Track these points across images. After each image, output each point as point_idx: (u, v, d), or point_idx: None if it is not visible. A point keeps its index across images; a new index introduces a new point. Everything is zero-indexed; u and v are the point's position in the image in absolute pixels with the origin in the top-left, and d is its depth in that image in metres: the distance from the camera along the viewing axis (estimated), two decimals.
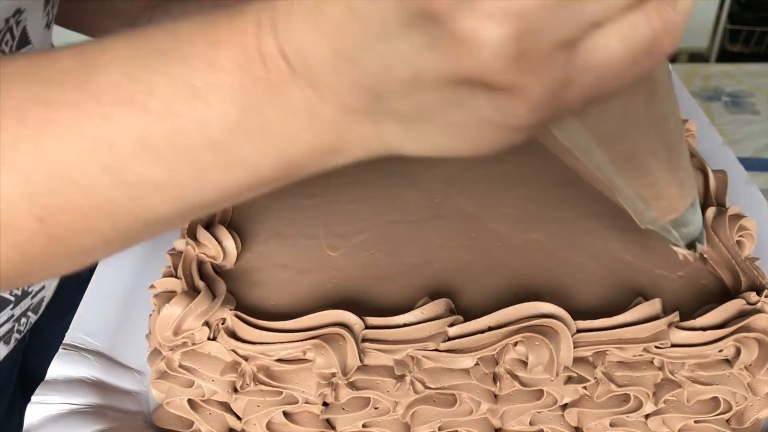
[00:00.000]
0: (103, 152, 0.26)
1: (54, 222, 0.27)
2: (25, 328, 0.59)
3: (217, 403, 0.41)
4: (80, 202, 0.27)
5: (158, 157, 0.26)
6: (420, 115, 0.24)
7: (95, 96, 0.26)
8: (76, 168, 0.26)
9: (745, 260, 0.43)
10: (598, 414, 0.40)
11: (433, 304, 0.39)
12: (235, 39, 0.25)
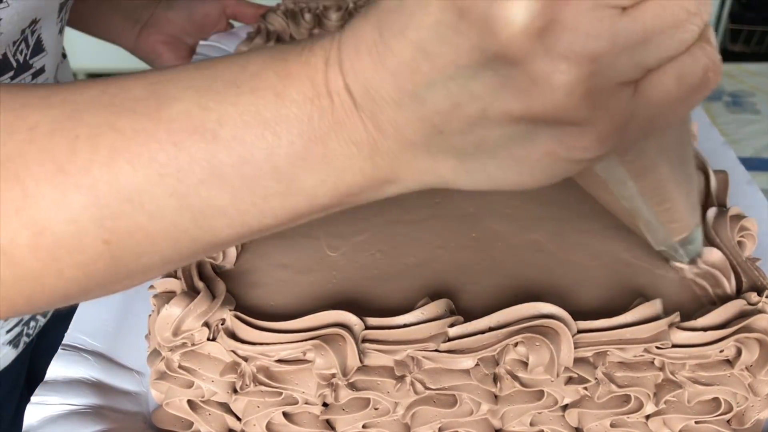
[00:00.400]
0: (172, 178, 0.27)
1: (119, 244, 0.28)
2: (34, 331, 0.59)
3: (217, 404, 0.41)
4: (146, 225, 0.28)
5: (224, 184, 0.27)
6: (480, 151, 0.25)
7: (167, 124, 0.27)
8: (145, 192, 0.27)
9: (746, 261, 0.43)
10: (598, 415, 0.40)
11: (433, 305, 0.39)
12: (304, 73, 0.26)
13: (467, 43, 0.22)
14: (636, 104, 0.23)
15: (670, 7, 0.22)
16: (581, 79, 0.21)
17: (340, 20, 0.78)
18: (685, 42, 0.22)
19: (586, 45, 0.21)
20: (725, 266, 0.42)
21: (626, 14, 0.21)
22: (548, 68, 0.21)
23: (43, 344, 0.64)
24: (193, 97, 0.27)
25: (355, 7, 0.79)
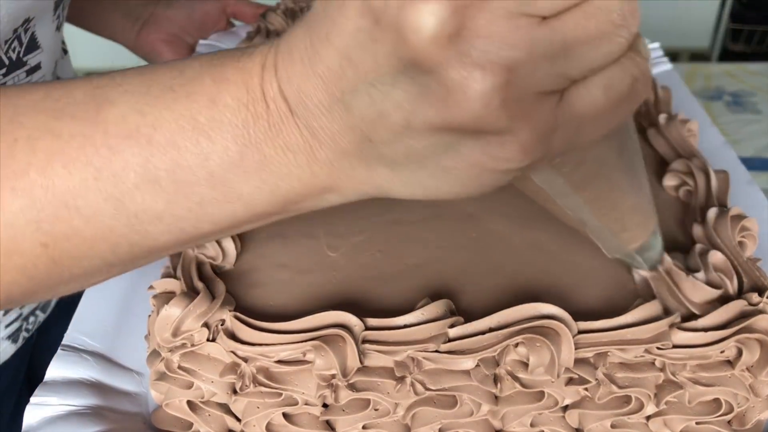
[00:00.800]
0: (107, 182, 0.27)
1: (57, 247, 0.28)
2: (33, 327, 0.59)
3: (217, 405, 0.41)
4: (83, 229, 0.28)
5: (159, 189, 0.27)
6: (410, 160, 0.25)
7: (103, 128, 0.27)
8: (81, 197, 0.27)
9: (746, 261, 0.43)
10: (599, 415, 0.40)
11: (433, 305, 0.39)
12: (240, 78, 0.26)
13: (383, 50, 0.22)
14: (561, 114, 0.23)
15: (593, 19, 0.21)
16: (497, 88, 0.21)
17: None
18: (611, 54, 0.22)
19: (502, 53, 0.21)
20: (726, 266, 0.42)
21: (546, 24, 0.21)
22: (462, 77, 0.21)
23: (44, 341, 0.64)
24: (130, 101, 0.27)
25: None
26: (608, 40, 0.22)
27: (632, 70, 0.23)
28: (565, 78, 0.22)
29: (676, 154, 0.53)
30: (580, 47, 0.21)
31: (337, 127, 0.25)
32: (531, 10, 0.21)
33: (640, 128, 0.58)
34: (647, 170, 0.52)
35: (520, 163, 0.23)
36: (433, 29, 0.20)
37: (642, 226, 0.34)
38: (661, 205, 0.49)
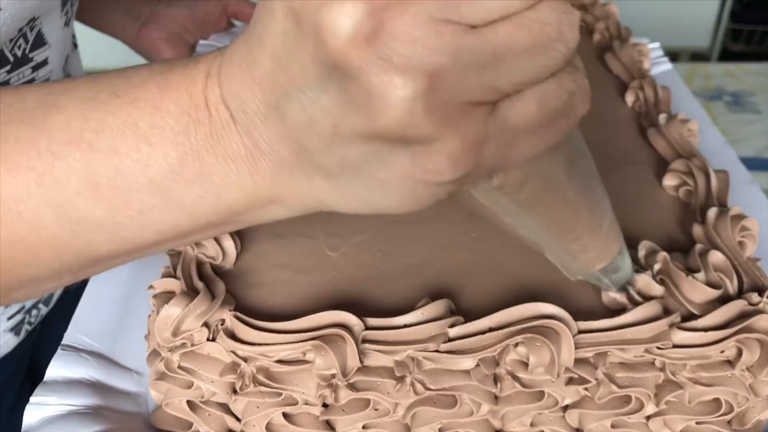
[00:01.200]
0: (49, 188, 0.27)
1: (2, 254, 0.28)
2: (36, 320, 0.59)
3: (217, 405, 0.41)
4: (26, 235, 0.27)
5: (100, 195, 0.27)
6: (345, 171, 0.24)
7: (48, 134, 0.26)
8: (23, 202, 0.27)
9: (746, 261, 0.43)
10: (599, 415, 0.40)
11: (433, 305, 0.39)
12: (184, 85, 0.26)
13: (307, 53, 0.21)
14: (493, 126, 0.22)
15: (526, 30, 0.20)
16: (419, 94, 0.20)
17: None
18: (546, 67, 0.21)
19: (424, 59, 0.20)
20: (726, 266, 0.42)
21: (474, 32, 0.20)
22: (383, 82, 0.20)
23: (47, 335, 0.64)
24: (77, 107, 0.27)
25: None
26: (542, 53, 0.21)
27: (569, 85, 0.22)
28: (495, 89, 0.21)
29: (676, 154, 0.53)
30: (512, 59, 0.21)
31: (275, 135, 0.24)
32: (457, 18, 0.20)
33: (640, 128, 0.58)
34: (647, 170, 0.52)
35: (451, 175, 0.22)
36: (349, 31, 0.20)
37: (604, 247, 0.33)
38: (661, 205, 0.50)
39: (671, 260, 0.42)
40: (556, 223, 0.29)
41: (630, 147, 0.56)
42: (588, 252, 0.32)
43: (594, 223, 0.31)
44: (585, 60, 0.71)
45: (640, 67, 0.66)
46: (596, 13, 0.77)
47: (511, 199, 0.26)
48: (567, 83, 0.22)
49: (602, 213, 0.31)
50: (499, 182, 0.25)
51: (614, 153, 0.55)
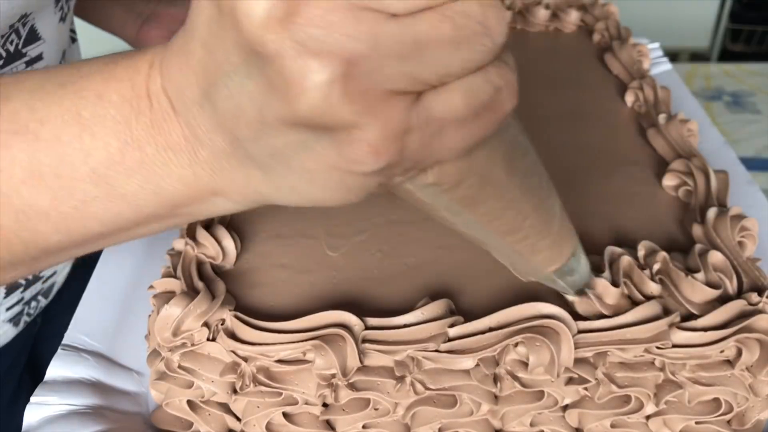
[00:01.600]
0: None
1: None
2: (35, 311, 0.59)
3: (217, 404, 0.41)
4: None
5: (44, 185, 0.27)
6: (276, 162, 0.24)
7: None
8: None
9: (746, 261, 0.43)
10: (599, 415, 0.40)
11: (433, 305, 0.39)
12: (127, 75, 0.26)
13: (230, 39, 0.21)
14: (416, 116, 0.22)
15: (450, 23, 0.20)
16: (336, 79, 0.20)
17: None
18: (471, 61, 0.21)
19: (341, 45, 0.20)
20: (726, 266, 0.42)
21: (395, 21, 0.20)
22: (300, 66, 0.20)
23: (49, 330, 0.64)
24: (24, 97, 0.27)
25: None
26: (466, 46, 0.21)
27: (496, 80, 0.22)
28: (418, 79, 0.21)
29: (675, 154, 0.53)
30: (434, 50, 0.21)
31: (210, 124, 0.24)
32: (377, 6, 0.20)
33: (640, 128, 0.58)
34: (647, 170, 0.52)
35: (374, 164, 0.22)
36: (262, 14, 0.20)
37: (556, 248, 0.33)
38: (660, 205, 0.50)
39: (671, 260, 0.42)
40: (500, 222, 0.28)
41: (630, 147, 0.56)
42: (538, 253, 0.32)
43: (541, 223, 0.30)
44: (585, 60, 0.71)
45: (640, 68, 0.66)
46: (596, 14, 0.77)
47: (450, 197, 0.26)
48: (494, 78, 0.22)
49: (550, 213, 0.31)
50: (434, 178, 0.24)
51: (614, 153, 0.55)
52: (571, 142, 0.57)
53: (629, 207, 0.49)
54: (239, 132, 0.24)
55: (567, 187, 0.51)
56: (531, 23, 0.77)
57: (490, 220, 0.28)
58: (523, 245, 0.30)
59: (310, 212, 0.48)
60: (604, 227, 0.47)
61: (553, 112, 0.61)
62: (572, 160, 0.54)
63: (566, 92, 0.64)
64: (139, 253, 0.52)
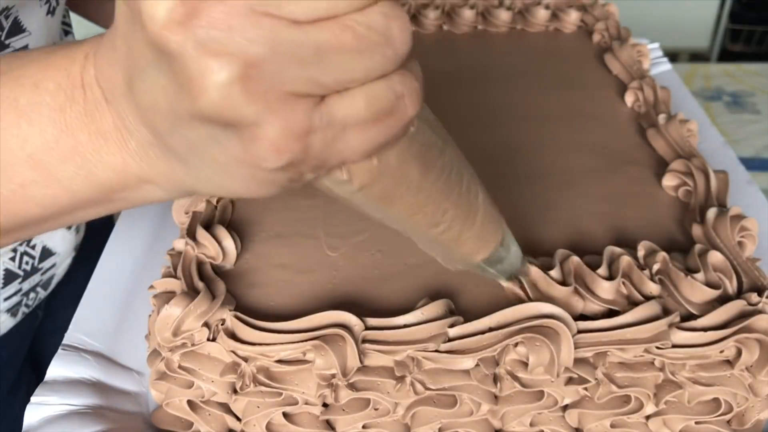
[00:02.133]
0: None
1: None
2: (33, 303, 0.59)
3: (217, 404, 0.41)
4: None
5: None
6: (192, 154, 0.25)
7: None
8: None
9: (746, 261, 0.43)
10: (598, 415, 0.40)
11: (433, 305, 0.39)
12: (64, 65, 0.27)
13: (140, 37, 0.22)
14: (319, 119, 0.23)
15: (350, 32, 0.21)
16: (235, 79, 0.21)
17: None
18: (372, 69, 0.22)
19: (241, 47, 0.21)
20: (726, 267, 0.42)
21: (297, 28, 0.21)
22: (199, 66, 0.21)
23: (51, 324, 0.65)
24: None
25: None
26: (368, 55, 0.22)
27: (398, 88, 0.23)
28: (319, 84, 0.22)
29: (675, 154, 0.53)
30: (335, 58, 0.21)
31: (136, 116, 0.25)
32: (278, 12, 0.21)
33: (640, 128, 0.58)
34: (647, 170, 0.52)
35: (277, 161, 0.23)
36: (163, 15, 0.21)
37: (481, 238, 0.34)
38: (660, 205, 0.50)
39: (670, 260, 0.42)
40: (420, 216, 0.29)
41: (630, 147, 0.56)
42: (464, 243, 0.33)
43: (463, 215, 0.31)
44: (585, 60, 0.71)
45: (640, 68, 0.66)
46: (596, 14, 0.77)
47: (366, 195, 0.27)
48: (396, 86, 0.23)
49: (472, 205, 0.32)
50: (347, 176, 0.25)
51: (614, 153, 0.55)
52: (571, 142, 0.57)
53: (629, 207, 0.49)
54: (157, 125, 0.25)
55: (567, 187, 0.51)
56: (531, 23, 0.77)
57: (410, 215, 0.29)
58: (446, 237, 0.31)
59: (310, 212, 0.48)
60: (604, 227, 0.47)
61: (553, 112, 0.61)
62: (572, 160, 0.54)
63: (566, 92, 0.64)
64: (139, 253, 0.52)
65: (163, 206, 0.55)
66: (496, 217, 0.34)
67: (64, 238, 0.59)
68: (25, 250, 0.55)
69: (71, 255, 0.62)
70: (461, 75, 0.68)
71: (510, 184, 0.51)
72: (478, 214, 0.32)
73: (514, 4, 0.78)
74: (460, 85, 0.65)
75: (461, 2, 0.79)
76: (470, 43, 0.75)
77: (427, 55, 0.73)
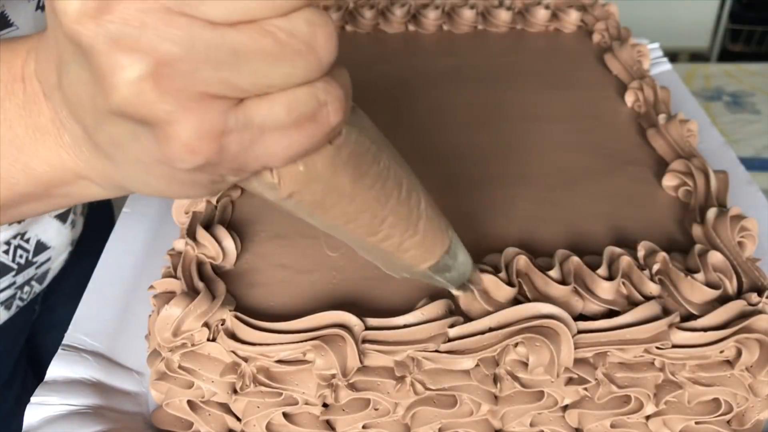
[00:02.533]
0: None
1: None
2: (28, 296, 0.60)
3: (217, 404, 0.41)
4: None
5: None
6: (115, 150, 0.25)
7: None
8: None
9: (746, 261, 0.43)
10: (598, 415, 0.40)
11: (433, 305, 0.39)
12: (7, 58, 0.27)
13: (59, 32, 0.22)
14: (235, 121, 0.22)
15: (270, 39, 0.21)
16: (146, 76, 0.21)
17: (340, 20, 0.78)
18: (292, 76, 0.22)
19: (153, 45, 0.20)
20: (726, 267, 0.42)
21: (213, 29, 0.21)
22: (110, 61, 0.21)
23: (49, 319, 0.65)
24: None
25: (356, 7, 0.79)
26: (289, 62, 0.21)
27: (320, 96, 0.23)
28: (236, 87, 0.22)
29: (675, 154, 0.53)
30: (253, 62, 0.21)
31: (67, 110, 0.26)
32: (195, 12, 0.20)
33: (640, 128, 0.58)
34: (646, 170, 0.52)
35: (191, 161, 0.23)
36: (75, 9, 0.21)
37: (426, 246, 0.33)
38: (660, 205, 0.50)
39: (670, 260, 0.42)
40: (356, 225, 0.29)
41: (629, 147, 0.56)
42: (407, 251, 0.32)
43: (403, 223, 0.31)
44: (585, 60, 0.71)
45: (640, 68, 0.66)
46: (596, 14, 0.77)
47: (296, 201, 0.26)
48: (319, 93, 0.23)
49: (413, 213, 0.31)
50: (275, 180, 0.25)
51: (614, 153, 0.55)
52: (571, 142, 0.57)
53: (629, 207, 0.49)
54: (83, 119, 0.25)
55: (567, 187, 0.51)
56: (531, 23, 0.77)
57: (345, 222, 0.29)
58: (387, 245, 0.31)
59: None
60: (603, 227, 0.47)
61: (553, 112, 0.61)
62: (572, 160, 0.54)
63: (566, 92, 0.64)
64: (139, 253, 0.52)
65: (164, 206, 0.55)
66: (441, 225, 0.34)
67: (59, 233, 0.59)
68: (19, 243, 0.55)
69: (67, 250, 0.62)
70: (461, 75, 0.68)
71: (510, 184, 0.51)
72: (420, 221, 0.31)
73: (514, 4, 0.78)
74: (460, 85, 0.65)
75: (461, 2, 0.79)
76: (470, 43, 0.75)
77: (427, 55, 0.73)
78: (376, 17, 0.77)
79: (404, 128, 0.58)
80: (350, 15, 0.78)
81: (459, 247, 0.36)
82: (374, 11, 0.78)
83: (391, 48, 0.75)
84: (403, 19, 0.77)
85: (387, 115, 0.60)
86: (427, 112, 0.61)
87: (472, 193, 0.50)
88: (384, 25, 0.77)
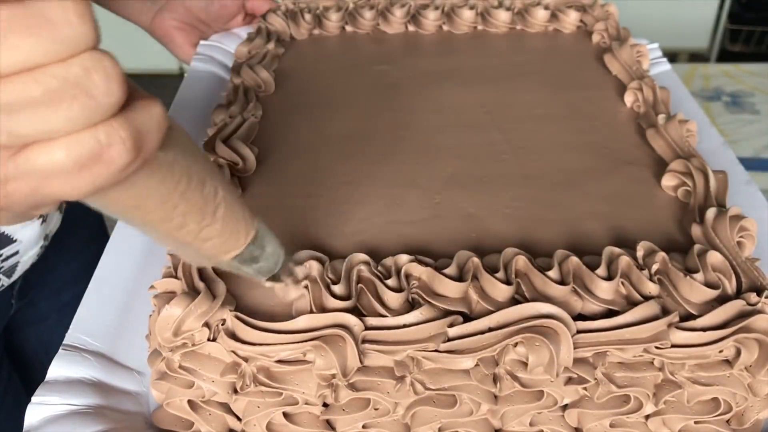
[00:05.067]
0: None
1: None
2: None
3: (217, 404, 0.41)
4: None
5: None
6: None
7: None
8: None
9: (745, 261, 0.43)
10: (598, 415, 0.40)
11: None
12: None
13: None
14: (16, 168, 0.23)
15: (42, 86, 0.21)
16: None
17: (340, 20, 0.78)
18: (73, 120, 0.22)
19: None
20: (725, 267, 0.42)
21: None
22: None
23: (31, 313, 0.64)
24: None
25: (356, 7, 0.79)
26: (65, 108, 0.21)
27: (103, 138, 0.23)
28: (16, 135, 0.22)
29: (674, 154, 0.54)
30: (28, 110, 0.21)
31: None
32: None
33: (639, 129, 0.58)
34: (646, 171, 0.53)
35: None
36: None
37: (227, 235, 0.32)
38: (659, 205, 0.50)
39: (670, 260, 0.42)
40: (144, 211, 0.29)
41: (629, 147, 0.56)
42: (207, 240, 0.32)
43: (198, 211, 0.30)
44: (584, 60, 0.71)
45: (639, 68, 0.67)
46: (595, 14, 0.77)
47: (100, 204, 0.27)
48: (101, 135, 0.23)
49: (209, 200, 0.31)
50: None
51: (613, 153, 0.56)
52: (571, 142, 0.57)
53: (628, 207, 0.49)
54: None
55: (566, 187, 0.51)
56: (530, 24, 0.77)
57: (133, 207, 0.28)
58: (184, 233, 0.31)
59: (310, 212, 0.48)
60: (603, 227, 0.47)
61: (553, 112, 0.61)
62: (572, 160, 0.54)
63: (566, 92, 0.64)
64: (139, 253, 0.52)
65: None
66: (244, 215, 0.33)
67: (25, 226, 0.59)
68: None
69: (39, 244, 0.62)
70: (461, 75, 0.68)
71: (509, 184, 0.51)
72: (218, 210, 0.31)
73: (513, 5, 0.78)
74: (459, 85, 0.65)
75: (461, 2, 0.79)
76: (470, 44, 0.75)
77: (427, 55, 0.73)
78: (376, 17, 0.78)
79: (404, 128, 0.58)
80: (350, 15, 0.78)
81: (268, 238, 0.35)
82: (374, 11, 0.78)
83: (391, 48, 0.75)
84: (403, 19, 0.77)
85: (387, 115, 0.60)
86: (427, 112, 0.61)
87: (471, 192, 0.51)
88: (384, 26, 0.78)
